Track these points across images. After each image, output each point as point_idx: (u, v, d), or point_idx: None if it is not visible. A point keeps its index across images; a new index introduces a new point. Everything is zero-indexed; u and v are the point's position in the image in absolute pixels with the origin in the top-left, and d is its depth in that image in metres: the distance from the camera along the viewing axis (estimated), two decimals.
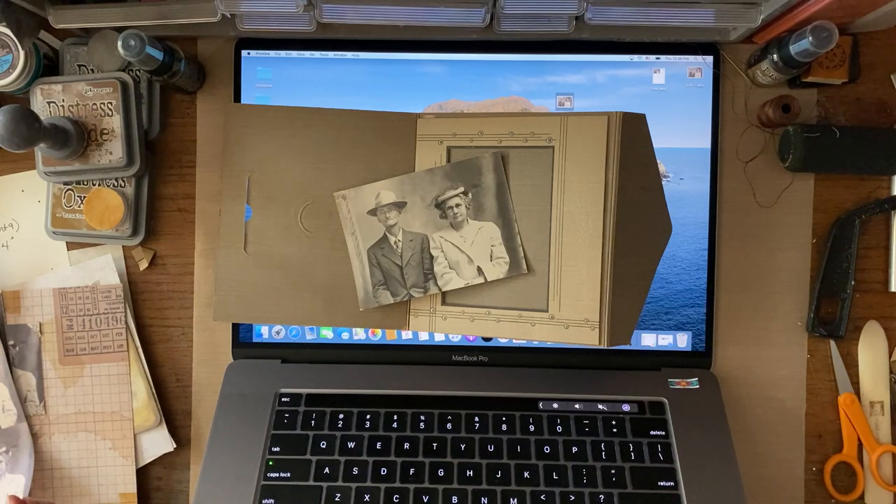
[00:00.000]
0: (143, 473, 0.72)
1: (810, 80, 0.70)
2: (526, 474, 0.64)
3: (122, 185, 0.70)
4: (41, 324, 0.72)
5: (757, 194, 0.72)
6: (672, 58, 0.71)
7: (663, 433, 0.67)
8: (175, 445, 0.72)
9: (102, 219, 0.69)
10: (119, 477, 0.71)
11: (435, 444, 0.66)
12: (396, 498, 0.63)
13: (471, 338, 0.72)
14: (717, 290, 0.72)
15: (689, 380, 0.70)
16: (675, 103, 0.71)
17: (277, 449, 0.66)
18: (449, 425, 0.67)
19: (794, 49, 0.63)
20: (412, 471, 0.64)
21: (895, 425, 0.71)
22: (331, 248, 0.64)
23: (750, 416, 0.71)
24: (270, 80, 0.72)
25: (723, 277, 0.72)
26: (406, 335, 0.72)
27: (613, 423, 0.67)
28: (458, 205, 0.61)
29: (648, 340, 0.72)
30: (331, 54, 0.71)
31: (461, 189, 0.61)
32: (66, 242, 0.73)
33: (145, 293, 0.74)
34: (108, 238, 0.71)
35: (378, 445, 0.66)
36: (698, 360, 0.71)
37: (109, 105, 0.67)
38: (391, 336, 0.73)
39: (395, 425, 0.67)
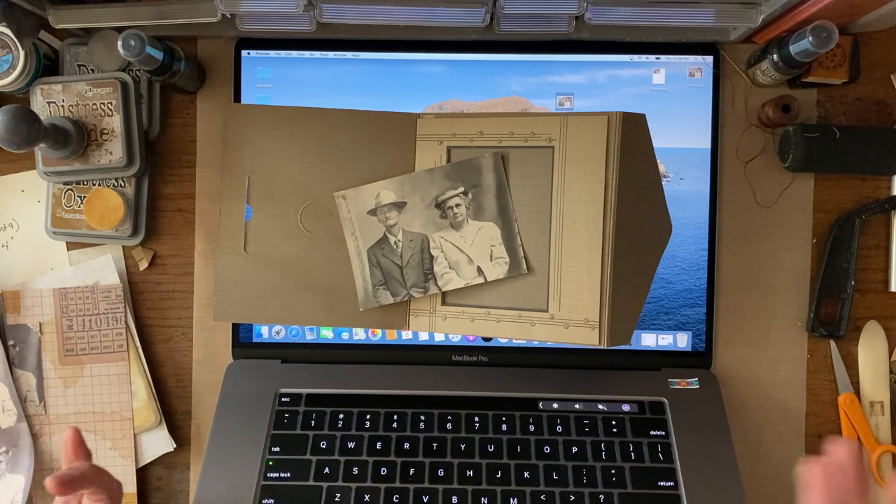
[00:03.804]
0: (143, 473, 0.72)
1: (810, 80, 0.70)
2: (526, 474, 0.64)
3: (122, 185, 0.70)
4: (41, 324, 0.72)
5: (757, 194, 0.72)
6: (672, 58, 0.71)
7: (663, 433, 0.67)
8: (175, 445, 0.72)
9: (102, 219, 0.69)
10: (119, 477, 0.71)
11: (435, 444, 0.66)
12: (396, 498, 0.63)
13: (471, 338, 0.72)
14: (717, 290, 0.72)
15: (689, 380, 0.70)
16: (675, 103, 0.71)
17: (277, 449, 0.66)
18: (449, 425, 0.67)
19: (794, 49, 0.63)
20: (412, 471, 0.64)
21: (895, 425, 0.71)
22: (331, 248, 0.64)
23: (750, 416, 0.71)
24: (270, 80, 0.72)
25: (723, 277, 0.72)
26: (406, 335, 0.72)
27: (613, 423, 0.67)
28: (458, 205, 0.61)
29: (648, 340, 0.72)
30: (331, 54, 0.71)
31: (461, 189, 0.61)
32: (66, 242, 0.73)
33: (145, 293, 0.74)
34: (108, 238, 0.71)
35: (378, 445, 0.66)
36: (698, 360, 0.71)
37: (109, 105, 0.67)
38: (391, 336, 0.73)
39: (395, 425, 0.67)
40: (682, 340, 0.71)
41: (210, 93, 0.73)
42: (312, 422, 0.67)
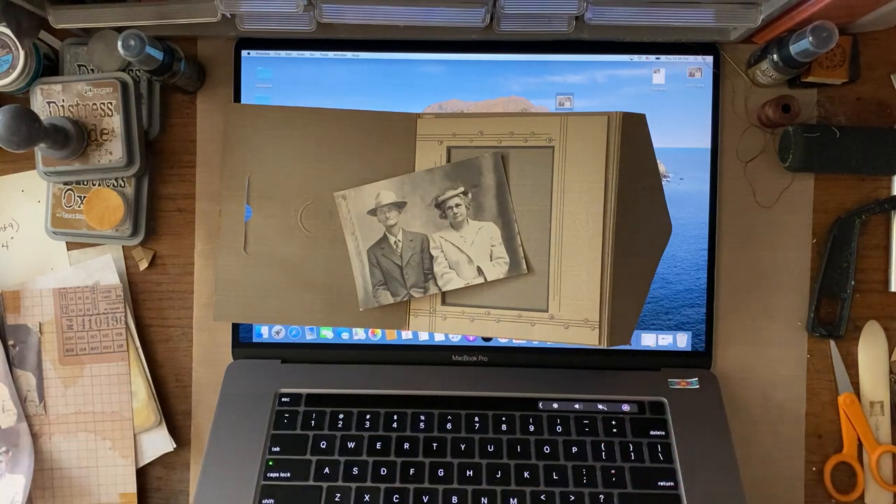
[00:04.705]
0: (143, 473, 0.72)
1: (810, 80, 0.70)
2: (526, 474, 0.64)
3: (122, 185, 0.70)
4: (41, 324, 0.72)
5: (757, 194, 0.72)
6: (672, 58, 0.71)
7: (663, 433, 0.67)
8: (175, 445, 0.72)
9: (102, 219, 0.69)
10: (119, 477, 0.71)
11: (435, 444, 0.66)
12: (396, 498, 0.63)
13: (471, 338, 0.72)
14: (717, 290, 0.72)
15: (689, 380, 0.70)
16: (675, 103, 0.71)
17: (277, 449, 0.66)
18: (449, 425, 0.67)
19: (794, 49, 0.63)
20: (412, 471, 0.64)
21: (895, 425, 0.71)
22: (331, 248, 0.64)
23: (750, 416, 0.71)
24: (270, 80, 0.72)
25: (723, 277, 0.72)
26: (406, 335, 0.72)
27: (613, 423, 0.67)
28: (458, 205, 0.61)
29: (648, 340, 0.72)
30: (331, 54, 0.71)
31: (461, 189, 0.61)
32: (66, 242, 0.73)
33: (145, 293, 0.74)
34: (108, 238, 0.71)
35: (378, 445, 0.66)
36: (698, 360, 0.71)
37: (109, 105, 0.67)
38: (391, 336, 0.73)
39: (395, 425, 0.67)
40: (682, 340, 0.71)
41: (210, 93, 0.73)
42: (312, 422, 0.67)
